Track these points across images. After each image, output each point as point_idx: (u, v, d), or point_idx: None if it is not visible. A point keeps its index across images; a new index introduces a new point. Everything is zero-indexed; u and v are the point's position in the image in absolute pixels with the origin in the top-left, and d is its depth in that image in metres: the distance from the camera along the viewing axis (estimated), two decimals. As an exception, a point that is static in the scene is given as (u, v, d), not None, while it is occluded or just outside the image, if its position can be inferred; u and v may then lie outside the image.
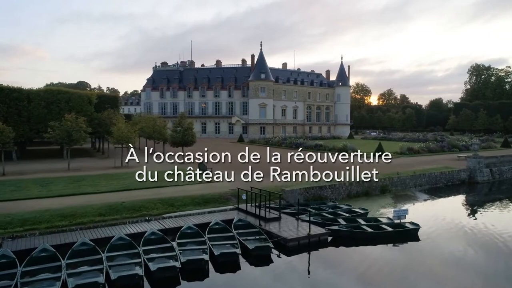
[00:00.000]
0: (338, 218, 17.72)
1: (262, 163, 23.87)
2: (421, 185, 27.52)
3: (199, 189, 21.96)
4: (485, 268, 13.94)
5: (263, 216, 16.84)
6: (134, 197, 19.46)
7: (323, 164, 31.30)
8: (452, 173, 29.63)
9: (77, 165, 32.05)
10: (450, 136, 71.67)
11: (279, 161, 30.23)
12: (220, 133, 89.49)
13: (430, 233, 16.95)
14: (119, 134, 30.37)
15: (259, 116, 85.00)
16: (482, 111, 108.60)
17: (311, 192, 21.78)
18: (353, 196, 23.68)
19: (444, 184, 29.15)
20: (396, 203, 23.21)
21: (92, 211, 16.81)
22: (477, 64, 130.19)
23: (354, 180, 23.88)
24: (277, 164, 28.15)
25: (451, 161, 37.26)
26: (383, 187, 25.06)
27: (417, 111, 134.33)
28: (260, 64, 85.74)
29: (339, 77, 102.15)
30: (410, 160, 37.92)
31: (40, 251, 12.67)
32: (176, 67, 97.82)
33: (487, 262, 14.57)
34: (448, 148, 47.22)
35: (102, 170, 29.19)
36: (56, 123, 29.00)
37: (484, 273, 13.49)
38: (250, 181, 23.14)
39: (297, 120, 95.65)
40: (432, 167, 31.70)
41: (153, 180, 34.85)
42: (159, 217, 17.10)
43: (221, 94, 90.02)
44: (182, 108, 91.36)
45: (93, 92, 38.91)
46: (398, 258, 14.89)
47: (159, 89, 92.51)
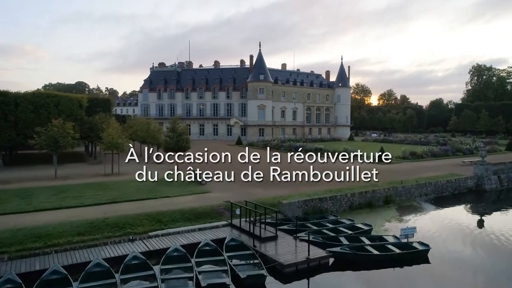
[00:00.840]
0: (340, 236, 16.25)
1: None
2: (427, 194, 26.07)
3: (190, 202, 20.51)
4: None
5: (258, 235, 15.36)
6: (120, 212, 17.98)
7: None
8: (459, 181, 28.20)
9: (66, 172, 30.56)
10: (452, 139, 70.24)
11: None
12: (218, 135, 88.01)
13: (441, 255, 15.48)
14: (109, 140, 28.92)
15: (257, 117, 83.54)
16: (484, 112, 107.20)
17: (311, 205, 20.33)
18: (355, 208, 22.22)
19: (450, 192, 27.70)
20: (401, 215, 21.75)
21: (70, 229, 15.34)
22: (478, 64, 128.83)
23: (356, 191, 22.42)
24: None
25: (456, 167, 35.79)
26: (387, 197, 23.61)
27: (418, 112, 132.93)
28: (259, 65, 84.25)
29: (339, 77, 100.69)
30: (413, 166, 36.47)
31: (5, 282, 11.21)
32: (173, 67, 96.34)
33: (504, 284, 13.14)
34: (452, 152, 45.78)
35: (91, 178, 27.73)
36: (42, 129, 27.52)
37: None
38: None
39: (297, 121, 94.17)
40: (437, 175, 30.27)
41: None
42: (144, 236, 15.62)
43: (219, 95, 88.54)
44: (180, 109, 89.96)
45: (84, 95, 37.43)
46: (406, 284, 13.45)
47: (156, 90, 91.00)
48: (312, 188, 23.76)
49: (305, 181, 22.34)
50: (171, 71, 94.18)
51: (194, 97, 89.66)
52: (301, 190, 23.52)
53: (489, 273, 14.56)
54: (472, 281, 13.84)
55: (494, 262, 15.68)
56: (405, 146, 56.47)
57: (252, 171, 31.08)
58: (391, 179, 28.29)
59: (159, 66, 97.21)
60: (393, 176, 29.40)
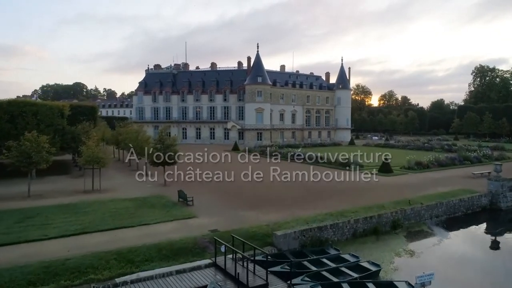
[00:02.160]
0: (343, 281, 13.69)
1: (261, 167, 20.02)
2: (438, 216, 23.53)
3: (171, 231, 17.94)
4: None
5: (244, 284, 12.80)
6: (86, 247, 15.43)
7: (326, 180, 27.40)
8: (472, 199, 25.65)
9: (42, 188, 28.04)
10: (456, 143, 67.67)
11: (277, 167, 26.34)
12: (215, 139, 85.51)
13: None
14: (88, 154, 26.37)
15: (255, 121, 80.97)
16: (488, 114, 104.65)
17: (309, 235, 17.77)
18: (359, 235, 19.67)
19: (463, 212, 25.17)
20: (412, 246, 19.16)
21: (20, 277, 12.80)
22: (481, 65, 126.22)
23: (361, 216, 19.86)
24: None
25: (466, 180, 33.28)
26: (394, 221, 21.07)
27: (419, 113, 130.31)
28: (256, 67, 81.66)
29: (339, 79, 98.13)
30: (420, 178, 33.96)
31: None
32: (169, 69, 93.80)
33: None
34: (459, 161, 43.25)
35: (68, 197, 25.20)
36: (14, 142, 24.97)
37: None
38: (244, 199, 19.39)
39: (296, 124, 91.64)
40: (447, 190, 27.75)
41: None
42: (109, 285, 13.06)
43: (216, 98, 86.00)
44: (176, 113, 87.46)
45: (66, 103, 34.94)
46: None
47: (152, 93, 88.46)
48: (310, 211, 21.25)
49: (301, 218, 19.68)
50: (167, 73, 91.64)
51: (190, 100, 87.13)
52: (297, 214, 20.99)
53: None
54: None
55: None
56: (409, 153, 53.82)
57: (246, 188, 28.47)
58: (397, 196, 25.82)
59: (154, 68, 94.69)
60: (399, 192, 26.92)
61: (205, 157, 51.62)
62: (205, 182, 31.81)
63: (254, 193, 27.15)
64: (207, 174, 35.53)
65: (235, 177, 34.56)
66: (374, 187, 29.50)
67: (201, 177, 33.92)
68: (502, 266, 17.89)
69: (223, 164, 43.74)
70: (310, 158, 45.86)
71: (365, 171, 38.26)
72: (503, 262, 18.51)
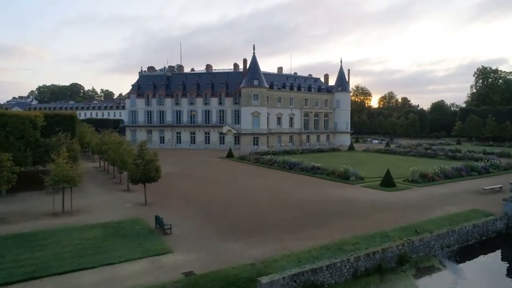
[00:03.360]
0: None
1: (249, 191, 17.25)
2: (449, 246, 20.73)
3: (138, 273, 15.13)
4: None
5: None
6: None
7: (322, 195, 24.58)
8: (486, 224, 22.84)
9: (8, 208, 25.26)
10: (461, 150, 64.82)
11: (269, 184, 23.56)
12: (210, 144, 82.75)
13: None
14: (57, 173, 23.53)
15: (251, 125, 78.24)
16: (491, 118, 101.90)
17: (301, 280, 14.96)
18: (360, 275, 16.86)
19: (476, 239, 22.37)
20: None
21: None
22: (483, 66, 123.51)
23: (362, 253, 17.05)
24: (265, 192, 21.62)
25: (476, 196, 30.54)
26: (401, 256, 18.27)
27: (420, 116, 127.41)
28: (253, 69, 78.92)
29: (339, 81, 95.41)
30: (426, 194, 31.18)
31: None
32: (163, 72, 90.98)
33: None
34: (466, 172, 40.49)
35: (33, 221, 22.41)
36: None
37: None
38: (228, 225, 16.59)
39: (294, 128, 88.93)
40: (458, 211, 25.00)
41: (135, 195, 28.15)
42: None
43: (211, 101, 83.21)
44: (170, 116, 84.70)
45: (39, 113, 32.06)
46: None
47: (145, 96, 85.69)
48: (303, 243, 18.48)
49: (293, 254, 16.86)
50: (161, 76, 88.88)
51: (185, 103, 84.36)
52: (289, 246, 18.20)
53: None
54: None
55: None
56: (411, 160, 50.83)
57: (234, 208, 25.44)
58: (402, 219, 23.10)
59: (148, 70, 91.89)
60: (404, 215, 24.18)
61: (196, 167, 48.88)
62: (190, 198, 29.09)
63: (242, 214, 24.36)
64: (193, 189, 32.82)
65: (224, 191, 31.87)
66: (376, 206, 26.72)
67: (186, 193, 31.23)
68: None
69: (213, 175, 40.99)
70: (307, 168, 43.09)
71: (365, 184, 35.56)
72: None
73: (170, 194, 30.85)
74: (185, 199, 28.89)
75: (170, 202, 27.83)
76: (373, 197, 29.82)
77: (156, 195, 29.67)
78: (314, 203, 27.63)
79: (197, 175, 41.35)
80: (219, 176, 40.74)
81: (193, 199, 28.87)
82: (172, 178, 38.63)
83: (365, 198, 29.21)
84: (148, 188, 27.97)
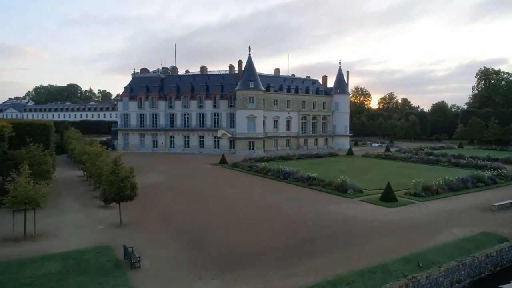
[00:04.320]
0: None
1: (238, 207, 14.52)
2: (460, 281, 18.10)
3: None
4: None
5: None
6: None
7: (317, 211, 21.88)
8: (501, 252, 20.24)
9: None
10: (464, 155, 62.20)
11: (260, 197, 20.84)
12: (205, 148, 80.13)
13: None
14: (17, 194, 20.87)
15: (247, 129, 75.66)
16: (493, 120, 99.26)
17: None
18: (357, 324, 14.23)
19: (490, 271, 19.76)
20: None
21: None
22: (485, 67, 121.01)
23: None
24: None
25: (486, 214, 27.97)
26: (404, 298, 15.64)
27: (421, 117, 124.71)
28: (248, 71, 76.33)
29: (337, 83, 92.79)
30: (429, 211, 28.59)
31: None
32: (156, 73, 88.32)
33: None
34: (472, 183, 37.90)
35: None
36: None
37: None
38: (211, 252, 13.98)
39: (291, 132, 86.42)
40: (467, 235, 22.44)
41: (112, 212, 25.49)
42: None
43: (206, 104, 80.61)
44: (163, 119, 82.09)
45: (7, 122, 29.41)
46: None
47: (137, 99, 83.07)
48: (291, 281, 15.85)
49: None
50: (154, 78, 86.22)
51: (178, 106, 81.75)
52: (274, 286, 15.57)
53: None
54: None
55: None
56: (413, 167, 48.26)
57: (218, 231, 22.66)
58: (404, 245, 20.58)
59: (141, 72, 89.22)
60: (406, 240, 21.63)
61: (185, 176, 46.20)
62: (172, 217, 26.49)
63: (225, 239, 21.75)
64: (177, 205, 30.21)
65: (210, 208, 29.25)
66: (376, 227, 24.14)
67: (168, 210, 28.62)
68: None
69: (201, 187, 38.30)
70: (302, 179, 40.48)
71: (364, 198, 32.95)
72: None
73: (150, 211, 28.23)
74: (166, 218, 26.28)
75: (148, 222, 25.22)
76: (373, 215, 27.20)
77: (134, 213, 27.07)
78: (307, 224, 25.02)
79: (185, 186, 38.73)
80: (208, 187, 38.11)
81: (175, 219, 26.26)
82: (156, 190, 36.05)
83: (364, 217, 26.60)
84: (127, 204, 25.37)
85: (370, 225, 24.66)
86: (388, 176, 44.39)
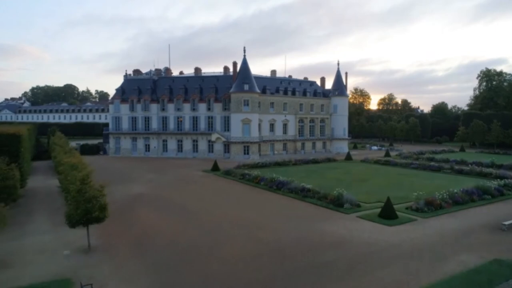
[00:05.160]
0: None
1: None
2: (472, 327, 15.52)
3: None
4: None
5: None
6: None
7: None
8: (517, 286, 17.64)
9: None
10: (467, 161, 59.60)
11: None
12: (199, 152, 77.48)
13: None
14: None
15: (242, 133, 73.04)
16: (496, 123, 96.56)
17: None
18: None
19: (505, 310, 17.16)
20: None
21: None
22: (487, 69, 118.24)
23: None
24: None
25: (496, 236, 25.36)
26: None
27: (421, 119, 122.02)
28: (243, 73, 73.69)
29: (336, 85, 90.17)
30: (433, 231, 25.99)
31: None
32: (149, 75, 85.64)
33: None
34: (478, 195, 35.33)
35: None
36: None
37: None
38: None
39: (288, 135, 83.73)
40: (477, 265, 19.88)
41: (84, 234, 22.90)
42: None
43: (200, 107, 77.96)
44: (155, 123, 79.43)
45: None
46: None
47: (129, 101, 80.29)
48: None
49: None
50: (147, 80, 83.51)
51: (171, 109, 79.08)
52: None
53: None
54: None
55: None
56: (413, 175, 45.55)
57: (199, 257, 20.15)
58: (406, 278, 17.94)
59: (133, 73, 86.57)
60: (409, 272, 19.03)
61: (172, 186, 43.58)
62: (148, 239, 23.86)
63: (203, 270, 19.13)
64: (156, 223, 27.54)
65: (192, 227, 26.58)
66: (375, 254, 21.54)
67: (146, 229, 26.00)
68: None
69: (187, 199, 35.57)
70: (296, 190, 37.88)
71: (362, 213, 30.35)
72: None
73: (125, 231, 25.62)
74: (141, 241, 23.66)
75: (121, 247, 22.61)
76: (371, 237, 24.58)
77: (108, 234, 24.50)
78: (297, 248, 22.41)
79: (170, 199, 36.07)
80: (194, 201, 35.41)
81: (152, 241, 23.64)
82: (138, 204, 33.47)
83: (361, 240, 23.97)
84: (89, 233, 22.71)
85: (368, 250, 22.03)
86: (387, 186, 41.90)
